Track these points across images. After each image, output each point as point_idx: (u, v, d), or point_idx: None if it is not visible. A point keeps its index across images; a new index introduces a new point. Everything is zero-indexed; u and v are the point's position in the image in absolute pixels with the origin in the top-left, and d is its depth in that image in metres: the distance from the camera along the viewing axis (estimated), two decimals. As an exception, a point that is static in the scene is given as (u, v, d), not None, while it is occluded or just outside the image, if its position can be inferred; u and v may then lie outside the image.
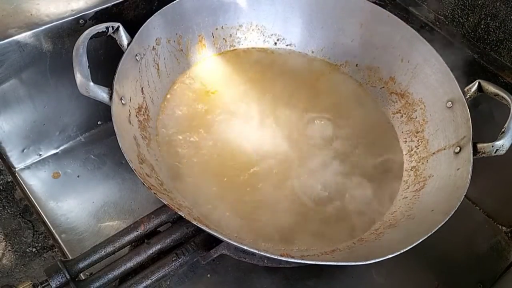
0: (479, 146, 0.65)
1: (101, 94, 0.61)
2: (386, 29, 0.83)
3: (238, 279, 0.70)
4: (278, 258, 0.54)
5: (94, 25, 0.66)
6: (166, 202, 0.54)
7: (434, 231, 0.57)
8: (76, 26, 0.70)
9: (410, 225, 0.65)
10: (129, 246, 0.66)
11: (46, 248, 0.72)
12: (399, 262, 0.63)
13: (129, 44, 0.67)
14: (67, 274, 0.59)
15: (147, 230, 0.65)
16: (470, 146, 0.65)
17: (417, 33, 0.79)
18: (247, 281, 0.70)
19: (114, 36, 0.67)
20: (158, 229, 0.67)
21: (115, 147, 0.57)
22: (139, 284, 0.62)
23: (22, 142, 0.78)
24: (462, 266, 0.77)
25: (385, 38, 0.84)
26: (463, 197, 0.61)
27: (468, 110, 0.68)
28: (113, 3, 0.73)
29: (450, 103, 0.72)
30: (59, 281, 0.59)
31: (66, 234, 0.73)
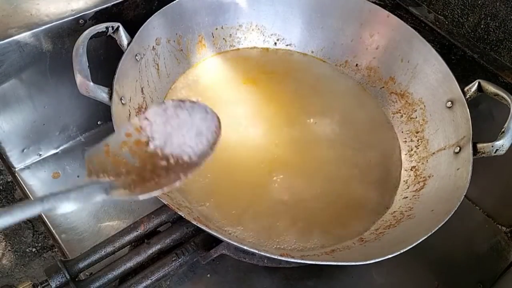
0: (479, 146, 0.65)
1: (101, 94, 0.61)
2: (386, 29, 0.83)
3: (238, 279, 0.70)
4: (278, 258, 0.54)
5: (94, 25, 0.66)
6: (166, 202, 0.54)
7: (434, 231, 0.57)
8: (76, 26, 0.70)
9: (410, 225, 0.65)
10: (129, 246, 0.66)
11: (46, 248, 0.72)
12: (399, 262, 0.63)
13: (129, 44, 0.67)
14: (67, 274, 0.59)
15: (147, 230, 0.65)
16: (470, 146, 0.65)
17: (417, 33, 0.79)
18: (247, 281, 0.70)
19: (114, 36, 0.67)
20: (158, 229, 0.67)
21: (115, 147, 0.57)
22: (139, 284, 0.62)
23: (22, 142, 0.77)
24: (462, 266, 0.77)
25: (385, 38, 0.84)
26: (463, 197, 0.61)
27: (468, 110, 0.68)
28: (113, 3, 0.73)
29: (450, 103, 0.72)
30: (59, 281, 0.59)
31: (66, 234, 0.73)
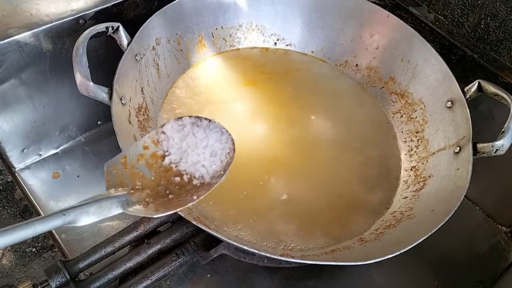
0: (479, 146, 0.65)
1: (101, 94, 0.61)
2: (386, 29, 0.83)
3: (238, 279, 0.70)
4: (278, 258, 0.54)
5: (94, 25, 0.66)
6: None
7: (434, 231, 0.57)
8: (76, 26, 0.70)
9: (410, 225, 0.65)
10: (129, 246, 0.66)
11: (46, 248, 0.72)
12: (399, 262, 0.63)
13: (129, 44, 0.67)
14: (67, 274, 0.59)
15: (147, 230, 0.65)
16: (470, 146, 0.65)
17: (417, 33, 0.79)
18: (247, 281, 0.70)
19: (114, 36, 0.67)
20: (158, 229, 0.67)
21: (115, 147, 0.57)
22: (139, 284, 0.62)
23: (22, 142, 0.77)
24: (462, 266, 0.77)
25: (385, 38, 0.84)
26: (463, 197, 0.61)
27: (468, 110, 0.68)
28: (113, 3, 0.73)
29: (450, 103, 0.72)
30: (59, 281, 0.59)
31: (66, 234, 0.73)
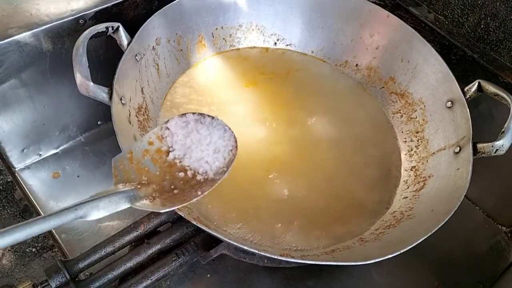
0: (479, 146, 0.65)
1: (101, 94, 0.61)
2: (386, 29, 0.83)
3: (238, 279, 0.70)
4: (278, 258, 0.54)
5: (94, 25, 0.66)
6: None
7: (434, 231, 0.57)
8: (76, 26, 0.70)
9: (410, 225, 0.65)
10: (129, 246, 0.66)
11: (46, 248, 0.72)
12: (399, 262, 0.63)
13: (129, 44, 0.67)
14: (67, 274, 0.59)
15: (147, 230, 0.65)
16: (470, 146, 0.65)
17: (417, 33, 0.79)
18: (247, 281, 0.70)
19: (114, 36, 0.67)
20: (158, 229, 0.67)
21: (115, 147, 0.57)
22: (139, 284, 0.62)
23: (22, 142, 0.77)
24: (462, 266, 0.77)
25: (385, 38, 0.84)
26: (463, 197, 0.61)
27: (468, 110, 0.68)
28: (113, 3, 0.73)
29: (450, 103, 0.72)
30: (59, 281, 0.59)
31: (66, 234, 0.73)
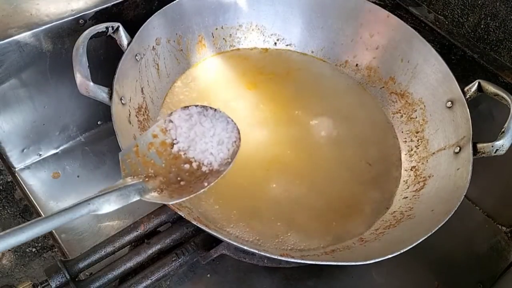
0: (479, 146, 0.65)
1: (101, 94, 0.61)
2: (386, 29, 0.83)
3: (238, 279, 0.70)
4: (278, 258, 0.54)
5: (94, 25, 0.66)
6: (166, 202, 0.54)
7: (434, 231, 0.57)
8: (76, 26, 0.70)
9: (410, 225, 0.65)
10: (129, 246, 0.66)
11: (46, 248, 0.72)
12: (399, 262, 0.63)
13: (129, 44, 0.67)
14: (67, 274, 0.59)
15: (147, 230, 0.65)
16: (470, 146, 0.65)
17: (417, 33, 0.79)
18: (247, 281, 0.70)
19: (114, 36, 0.67)
20: (158, 229, 0.67)
21: (115, 147, 0.57)
22: (139, 284, 0.62)
23: (22, 142, 0.77)
24: (462, 266, 0.77)
25: (385, 38, 0.84)
26: (463, 197, 0.61)
27: (468, 110, 0.68)
28: (113, 3, 0.73)
29: (450, 103, 0.72)
30: (59, 281, 0.59)
31: (66, 234, 0.73)
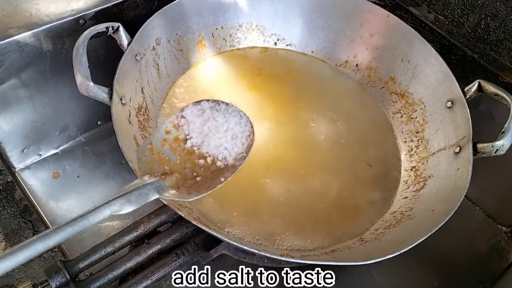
0: (479, 146, 0.65)
1: (101, 94, 0.61)
2: (386, 29, 0.83)
3: (238, 279, 0.70)
4: (278, 258, 0.54)
5: (94, 25, 0.66)
6: (166, 202, 0.54)
7: (434, 231, 0.57)
8: (76, 26, 0.70)
9: (410, 225, 0.65)
10: (129, 246, 0.66)
11: (46, 248, 0.72)
12: (399, 262, 0.63)
13: (129, 44, 0.67)
14: (67, 274, 0.59)
15: (147, 230, 0.65)
16: (470, 146, 0.65)
17: (417, 33, 0.79)
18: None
19: (114, 36, 0.67)
20: (158, 229, 0.67)
21: (115, 147, 0.57)
22: (139, 284, 0.62)
23: (22, 142, 0.77)
24: (462, 266, 0.77)
25: (385, 38, 0.84)
26: (463, 197, 0.61)
27: (468, 110, 0.68)
28: (113, 3, 0.73)
29: (450, 103, 0.72)
30: (59, 281, 0.59)
31: (66, 234, 0.73)
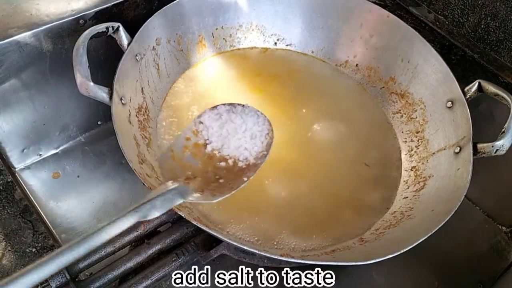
0: (479, 146, 0.65)
1: (101, 94, 0.61)
2: (386, 29, 0.83)
3: (238, 279, 0.70)
4: (278, 258, 0.54)
5: (94, 25, 0.66)
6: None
7: (434, 231, 0.57)
8: (76, 26, 0.70)
9: (410, 225, 0.65)
10: (129, 246, 0.66)
11: (46, 248, 0.72)
12: (399, 262, 0.63)
13: (129, 44, 0.67)
14: (67, 274, 0.59)
15: (147, 230, 0.65)
16: (470, 146, 0.65)
17: (417, 33, 0.79)
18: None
19: (114, 36, 0.67)
20: (158, 229, 0.67)
21: (115, 147, 0.57)
22: (139, 284, 0.62)
23: (22, 142, 0.77)
24: (462, 266, 0.77)
25: (385, 38, 0.84)
26: (463, 197, 0.61)
27: (468, 110, 0.68)
28: (113, 3, 0.73)
29: (450, 103, 0.72)
30: (59, 281, 0.59)
31: (66, 234, 0.73)
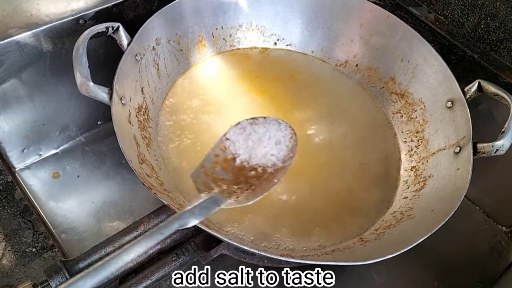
0: (479, 146, 0.65)
1: (101, 94, 0.61)
2: (386, 29, 0.83)
3: (238, 279, 0.70)
4: (278, 258, 0.54)
5: (94, 25, 0.66)
6: (166, 202, 0.54)
7: (434, 231, 0.57)
8: (76, 26, 0.70)
9: (410, 225, 0.65)
10: (129, 246, 0.66)
11: (46, 248, 0.72)
12: (399, 262, 0.63)
13: (129, 44, 0.67)
14: (67, 274, 0.59)
15: (147, 230, 0.65)
16: (470, 146, 0.65)
17: (417, 33, 0.79)
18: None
19: (114, 36, 0.67)
20: (158, 229, 0.67)
21: (115, 147, 0.57)
22: (139, 284, 0.62)
23: (22, 142, 0.77)
24: (462, 266, 0.77)
25: (385, 38, 0.84)
26: (463, 197, 0.61)
27: (468, 110, 0.68)
28: (113, 3, 0.73)
29: (450, 103, 0.72)
30: (59, 281, 0.59)
31: (66, 234, 0.73)
